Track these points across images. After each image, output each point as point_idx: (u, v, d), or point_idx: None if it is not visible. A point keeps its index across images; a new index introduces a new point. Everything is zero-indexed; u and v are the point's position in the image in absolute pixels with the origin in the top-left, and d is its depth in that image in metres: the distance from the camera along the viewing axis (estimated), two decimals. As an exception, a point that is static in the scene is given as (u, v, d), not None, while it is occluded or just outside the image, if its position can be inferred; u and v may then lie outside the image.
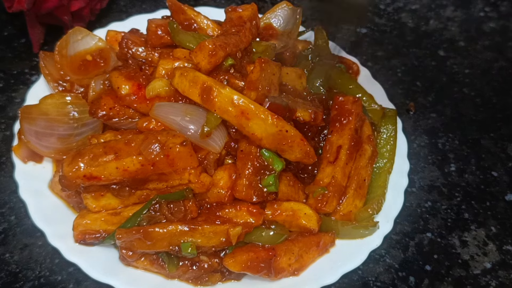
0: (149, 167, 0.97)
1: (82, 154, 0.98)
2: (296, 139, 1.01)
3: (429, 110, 1.52)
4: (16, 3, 1.37)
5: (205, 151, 1.04)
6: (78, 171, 0.96)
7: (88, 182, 0.98)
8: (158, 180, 1.01)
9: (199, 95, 1.01)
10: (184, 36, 1.20)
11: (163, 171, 0.98)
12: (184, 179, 1.00)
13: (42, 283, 1.05)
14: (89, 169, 0.96)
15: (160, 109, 1.04)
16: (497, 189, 1.34)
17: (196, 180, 1.00)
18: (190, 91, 1.02)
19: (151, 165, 0.96)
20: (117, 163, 0.96)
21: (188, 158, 0.98)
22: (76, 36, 1.26)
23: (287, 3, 1.33)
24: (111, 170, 0.96)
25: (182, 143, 0.97)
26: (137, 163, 0.96)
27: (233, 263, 0.98)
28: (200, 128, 1.00)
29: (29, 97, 1.25)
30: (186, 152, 0.97)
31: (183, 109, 1.03)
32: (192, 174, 1.00)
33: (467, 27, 1.84)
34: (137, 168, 0.97)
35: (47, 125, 1.12)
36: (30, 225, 1.08)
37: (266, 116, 0.99)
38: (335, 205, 1.11)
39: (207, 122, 1.00)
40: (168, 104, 1.05)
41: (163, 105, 1.05)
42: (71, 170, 0.96)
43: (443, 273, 1.15)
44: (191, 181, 1.00)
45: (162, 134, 0.99)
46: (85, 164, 0.96)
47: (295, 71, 1.18)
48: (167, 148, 0.96)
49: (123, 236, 0.95)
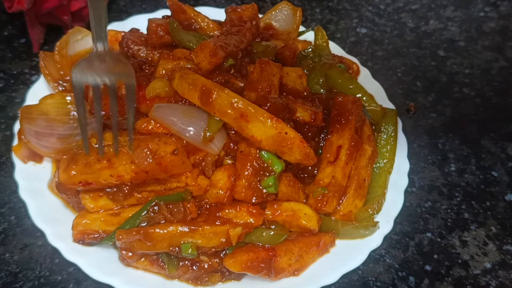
0: (143, 174, 0.97)
1: (76, 160, 0.98)
2: (296, 141, 1.01)
3: (429, 110, 1.52)
4: (16, 3, 1.36)
5: (203, 153, 1.04)
6: (74, 177, 0.97)
7: (84, 188, 0.99)
8: (156, 183, 1.02)
9: (198, 98, 1.01)
10: (184, 35, 1.20)
11: (158, 177, 0.99)
12: (182, 182, 1.01)
13: (42, 283, 1.05)
14: (84, 176, 0.97)
15: (159, 110, 1.04)
16: (497, 189, 1.34)
17: (193, 183, 1.01)
18: (190, 94, 1.02)
19: (145, 172, 0.97)
20: (111, 171, 0.97)
21: (180, 165, 0.98)
22: (76, 36, 1.26)
23: (287, 3, 1.33)
24: (106, 177, 0.97)
25: (174, 151, 0.97)
26: (130, 171, 0.97)
27: (233, 263, 0.98)
28: (201, 131, 1.00)
29: (29, 97, 1.25)
30: (178, 160, 0.97)
31: (182, 111, 1.03)
32: (189, 177, 1.00)
33: (467, 27, 1.84)
34: (131, 176, 0.97)
35: (47, 125, 1.11)
36: (30, 225, 1.08)
37: (266, 119, 0.99)
38: (335, 205, 1.11)
39: (209, 127, 1.00)
40: (167, 106, 1.05)
41: (162, 106, 1.05)
42: (67, 177, 0.97)
43: (443, 273, 1.15)
44: (188, 184, 1.01)
45: (153, 141, 0.98)
46: (78, 171, 0.97)
47: (295, 71, 1.18)
48: (159, 157, 0.96)
49: (123, 237, 0.95)
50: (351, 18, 1.82)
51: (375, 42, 1.73)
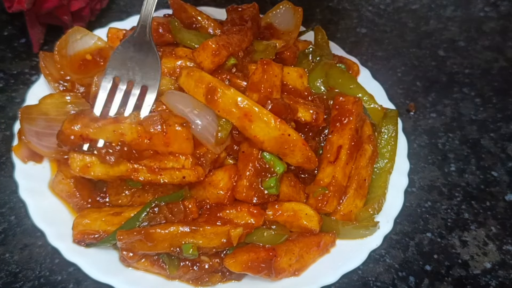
0: (144, 140, 0.97)
1: (84, 114, 1.00)
2: (298, 143, 1.01)
3: (429, 110, 1.52)
4: (16, 3, 1.36)
5: (204, 148, 1.04)
6: (76, 130, 0.98)
7: (83, 142, 0.98)
8: (152, 158, 1.01)
9: (203, 95, 1.01)
10: (185, 34, 1.20)
11: (157, 149, 0.98)
12: (179, 163, 1.00)
13: (42, 283, 1.05)
14: (87, 129, 0.98)
15: (171, 96, 1.05)
16: (497, 189, 1.34)
17: (190, 167, 1.00)
18: (196, 91, 1.03)
19: (148, 138, 0.97)
20: (115, 126, 0.97)
21: (183, 141, 0.99)
22: (75, 36, 1.25)
23: (287, 2, 1.33)
24: (108, 133, 0.97)
25: (182, 123, 0.98)
26: (134, 132, 0.97)
27: (233, 264, 0.97)
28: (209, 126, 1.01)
29: (29, 97, 1.24)
30: (184, 134, 0.98)
31: (193, 102, 1.03)
32: (187, 160, 1.00)
33: (467, 27, 1.84)
34: (133, 137, 0.97)
35: (47, 125, 1.11)
36: (30, 225, 1.08)
37: (269, 119, 0.99)
38: (336, 205, 1.11)
39: (221, 128, 1.01)
40: (179, 94, 1.06)
41: (175, 93, 1.06)
42: (69, 127, 0.98)
43: (443, 273, 1.15)
44: (185, 166, 1.00)
45: (165, 112, 1.02)
46: (83, 124, 0.98)
47: (296, 70, 1.18)
48: (167, 125, 0.97)
49: (124, 237, 0.95)
50: (351, 18, 1.82)
51: (375, 42, 1.73)
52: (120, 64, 1.09)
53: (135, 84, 1.07)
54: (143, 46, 1.11)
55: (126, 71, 1.09)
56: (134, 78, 1.08)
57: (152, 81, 1.08)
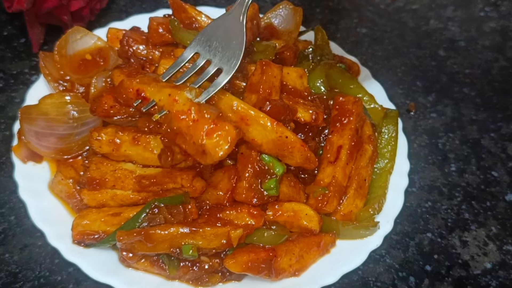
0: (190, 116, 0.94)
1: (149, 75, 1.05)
2: (296, 145, 1.01)
3: (429, 110, 1.52)
4: (16, 3, 1.36)
5: None
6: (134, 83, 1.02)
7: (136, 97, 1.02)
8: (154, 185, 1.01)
9: None
10: (185, 34, 1.20)
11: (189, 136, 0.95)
12: (177, 183, 1.00)
13: (42, 283, 1.05)
14: (142, 86, 1.00)
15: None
16: (497, 189, 1.34)
17: (188, 185, 1.00)
18: None
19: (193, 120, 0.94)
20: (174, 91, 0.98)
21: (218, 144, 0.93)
22: (75, 36, 1.25)
23: (287, 3, 1.32)
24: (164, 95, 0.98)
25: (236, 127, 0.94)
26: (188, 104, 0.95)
27: (233, 264, 0.97)
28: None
29: (29, 97, 1.24)
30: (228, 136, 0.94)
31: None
32: (184, 179, 1.00)
33: (467, 27, 1.84)
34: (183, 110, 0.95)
35: (46, 125, 1.12)
36: (30, 225, 1.08)
37: (266, 122, 0.99)
38: (336, 205, 1.11)
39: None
40: None
41: None
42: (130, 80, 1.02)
43: (443, 273, 1.15)
44: (183, 185, 1.00)
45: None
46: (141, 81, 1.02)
47: (296, 71, 1.17)
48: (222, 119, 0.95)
49: (124, 238, 0.95)
50: (351, 18, 1.82)
51: (375, 42, 1.73)
52: (206, 41, 1.08)
53: (211, 65, 1.06)
54: (234, 28, 1.08)
55: (208, 49, 1.07)
56: (213, 59, 1.06)
57: (227, 66, 1.05)
